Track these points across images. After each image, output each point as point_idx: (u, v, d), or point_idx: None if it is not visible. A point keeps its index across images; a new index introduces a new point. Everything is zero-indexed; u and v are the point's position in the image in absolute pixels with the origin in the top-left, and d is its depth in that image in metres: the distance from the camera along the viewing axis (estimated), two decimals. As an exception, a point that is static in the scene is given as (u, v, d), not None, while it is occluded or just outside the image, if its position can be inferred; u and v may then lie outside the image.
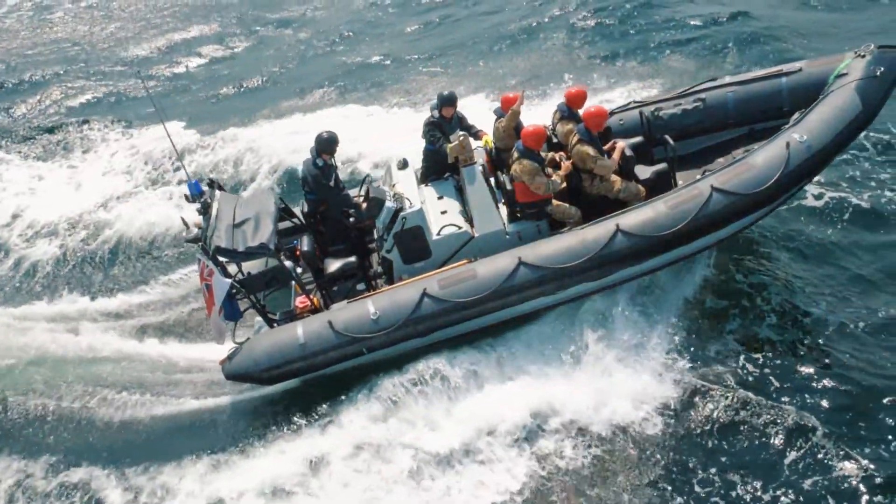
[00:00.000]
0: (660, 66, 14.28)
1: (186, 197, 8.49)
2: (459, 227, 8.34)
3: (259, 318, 8.71)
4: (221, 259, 8.08)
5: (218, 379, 8.56)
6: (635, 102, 9.74)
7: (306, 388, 8.44)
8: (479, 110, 12.54)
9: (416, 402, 7.75)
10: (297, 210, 9.52)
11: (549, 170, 8.33)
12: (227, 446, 8.06)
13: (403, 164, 9.08)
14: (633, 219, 7.81)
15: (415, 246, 8.35)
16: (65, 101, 19.34)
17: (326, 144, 8.79)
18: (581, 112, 8.60)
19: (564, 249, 7.84)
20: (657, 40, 15.27)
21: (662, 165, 8.60)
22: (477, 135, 9.14)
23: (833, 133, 7.79)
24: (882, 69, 8.04)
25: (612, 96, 12.93)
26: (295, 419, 8.07)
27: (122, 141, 15.87)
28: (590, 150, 8.13)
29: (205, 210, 8.34)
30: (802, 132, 7.82)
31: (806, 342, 7.97)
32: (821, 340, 7.94)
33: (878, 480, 6.50)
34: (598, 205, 8.39)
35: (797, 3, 16.02)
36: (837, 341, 7.88)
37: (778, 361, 7.77)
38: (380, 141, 12.85)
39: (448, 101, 8.95)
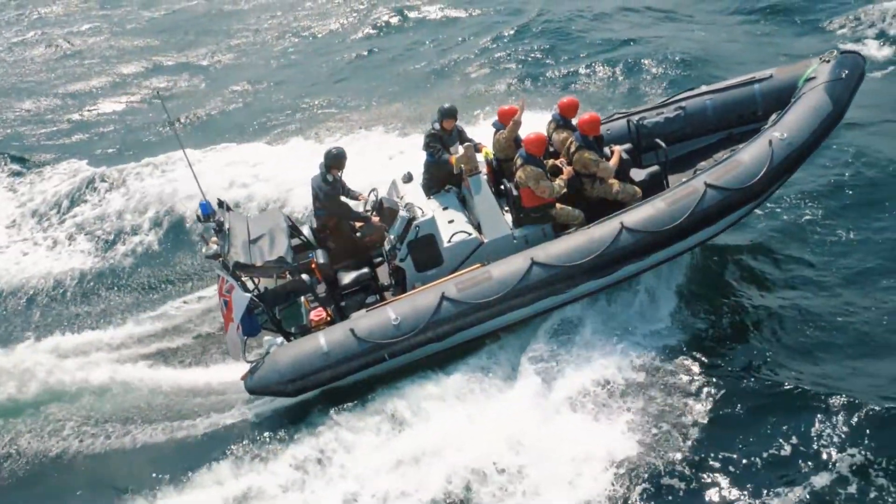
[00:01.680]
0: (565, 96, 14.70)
1: (198, 217, 8.66)
2: (469, 234, 8.67)
3: (268, 337, 8.81)
4: (240, 274, 8.21)
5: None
6: (619, 113, 10.31)
7: (185, 446, 8.48)
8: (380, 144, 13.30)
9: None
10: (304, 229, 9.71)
11: (550, 176, 8.77)
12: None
13: (408, 178, 9.38)
14: (636, 216, 8.29)
15: (428, 254, 8.63)
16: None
17: (335, 160, 9.04)
18: (575, 120, 9.11)
19: (574, 248, 8.24)
20: (561, 72, 15.84)
21: (655, 168, 9.16)
22: (477, 147, 9.50)
23: (810, 130, 8.48)
24: (847, 71, 8.84)
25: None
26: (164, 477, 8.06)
27: (17, 185, 15.57)
28: (590, 155, 8.60)
29: (220, 229, 8.50)
30: (782, 131, 8.48)
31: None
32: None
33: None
34: (598, 207, 8.85)
35: (690, 32, 16.84)
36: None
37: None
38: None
39: (448, 113, 9.28)
